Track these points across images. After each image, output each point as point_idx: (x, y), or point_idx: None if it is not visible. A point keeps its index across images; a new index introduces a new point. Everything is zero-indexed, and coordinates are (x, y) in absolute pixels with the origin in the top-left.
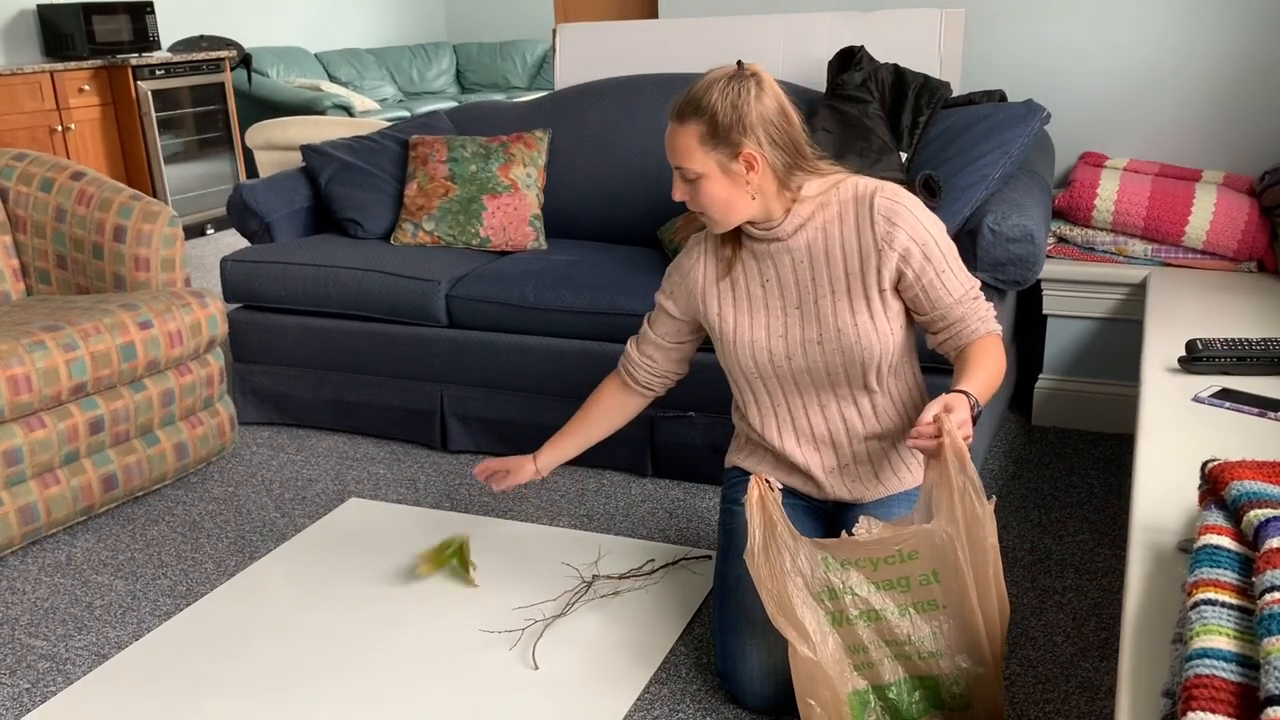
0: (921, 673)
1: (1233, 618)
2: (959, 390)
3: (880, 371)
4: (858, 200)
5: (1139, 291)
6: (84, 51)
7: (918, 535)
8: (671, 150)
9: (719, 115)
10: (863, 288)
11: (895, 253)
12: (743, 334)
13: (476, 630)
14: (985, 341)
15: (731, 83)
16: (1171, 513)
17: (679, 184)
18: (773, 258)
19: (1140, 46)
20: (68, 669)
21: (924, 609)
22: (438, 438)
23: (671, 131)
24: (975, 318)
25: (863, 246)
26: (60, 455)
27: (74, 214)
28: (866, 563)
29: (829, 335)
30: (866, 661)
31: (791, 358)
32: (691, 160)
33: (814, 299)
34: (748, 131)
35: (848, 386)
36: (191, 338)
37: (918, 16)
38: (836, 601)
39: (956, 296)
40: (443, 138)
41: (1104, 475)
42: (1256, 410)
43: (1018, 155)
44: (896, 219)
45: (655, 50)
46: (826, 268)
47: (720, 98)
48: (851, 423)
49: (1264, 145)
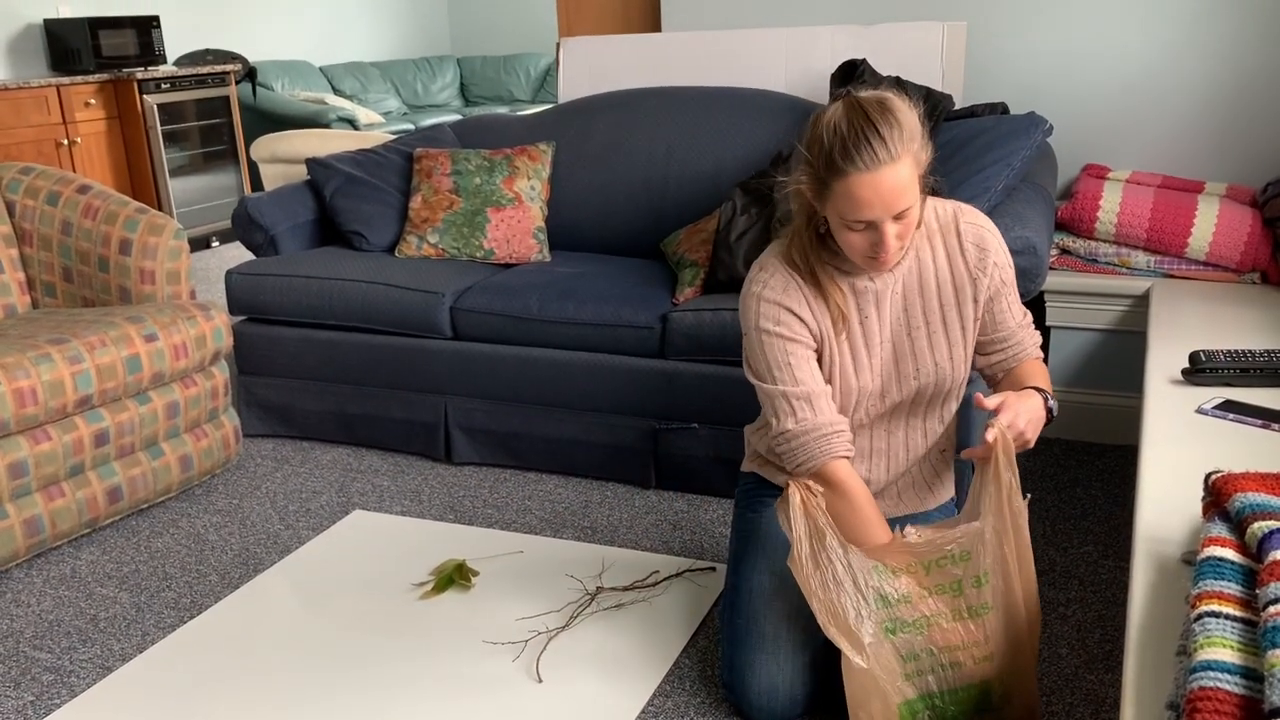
0: (974, 678)
1: (1237, 630)
2: (1030, 387)
3: (955, 397)
4: (943, 227)
5: (1142, 303)
6: (90, 65)
7: (969, 534)
8: (890, 198)
9: (919, 131)
10: (959, 319)
11: (987, 279)
12: (849, 380)
13: (480, 642)
14: (1034, 362)
15: (898, 99)
16: (1175, 524)
17: (889, 231)
18: (874, 294)
19: (1142, 59)
20: (72, 681)
21: (977, 613)
22: (442, 450)
23: (882, 177)
24: (1030, 341)
25: (956, 276)
26: (65, 468)
27: (80, 227)
28: (919, 568)
29: (925, 369)
30: (918, 670)
31: (886, 395)
32: (911, 192)
33: (906, 331)
34: (925, 142)
35: (922, 415)
36: (196, 350)
37: (920, 29)
38: (890, 610)
39: (1019, 320)
40: (447, 151)
41: (1107, 487)
42: (1260, 422)
43: (1020, 167)
44: (986, 245)
45: (659, 64)
46: (921, 299)
47: (908, 115)
48: (914, 446)
49: (1266, 157)
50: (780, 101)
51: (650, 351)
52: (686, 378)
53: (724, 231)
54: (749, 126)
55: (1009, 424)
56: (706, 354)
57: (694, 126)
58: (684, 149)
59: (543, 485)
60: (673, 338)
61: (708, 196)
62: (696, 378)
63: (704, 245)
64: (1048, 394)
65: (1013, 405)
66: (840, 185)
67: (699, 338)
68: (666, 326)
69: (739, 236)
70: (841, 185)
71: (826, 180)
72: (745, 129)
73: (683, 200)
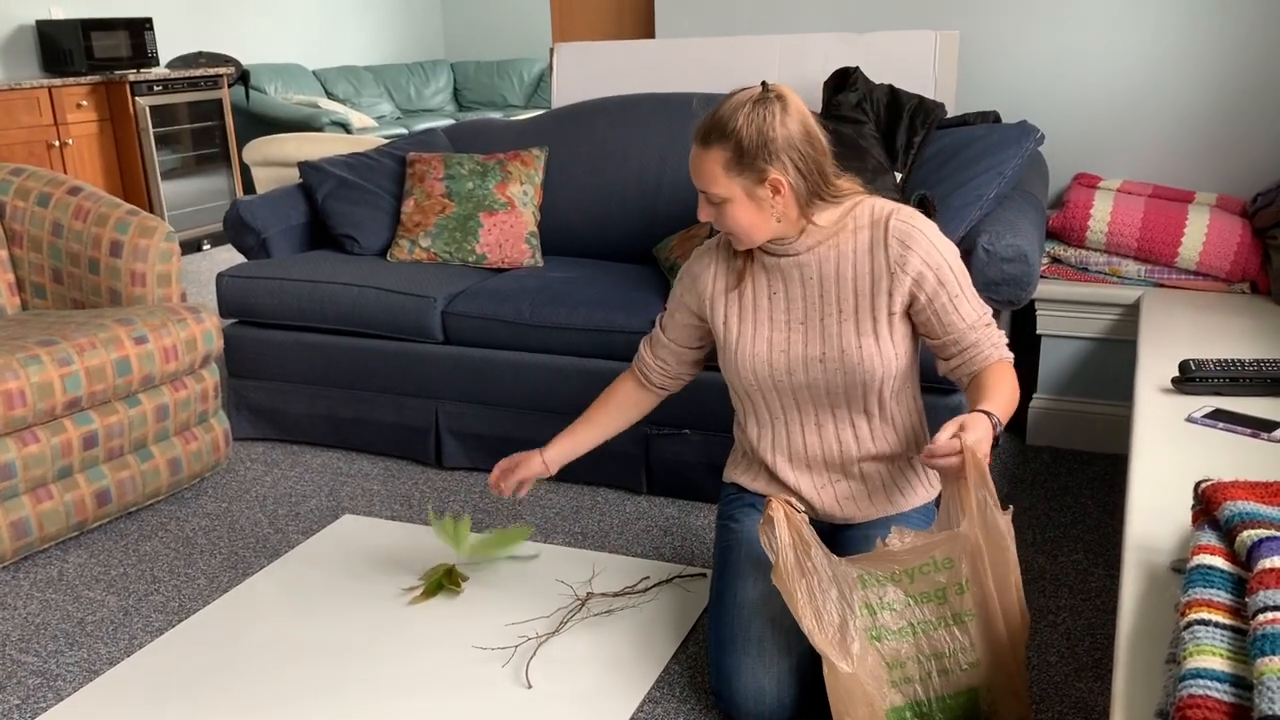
0: (962, 685)
1: (1226, 638)
2: (981, 410)
3: (881, 395)
4: (874, 222)
5: (1132, 312)
6: (82, 67)
7: (951, 539)
8: (696, 174)
9: (744, 140)
10: (871, 310)
11: (908, 276)
12: (745, 344)
13: (470, 647)
14: (999, 366)
15: (756, 106)
16: (1165, 533)
17: (704, 206)
18: (783, 271)
19: (1134, 69)
20: (58, 685)
21: (961, 619)
22: (432, 454)
23: (695, 155)
24: (988, 343)
25: (875, 269)
26: (54, 470)
27: (70, 229)
28: (904, 575)
29: (832, 354)
30: (905, 677)
31: (792, 373)
32: (716, 185)
33: (820, 317)
34: (773, 157)
35: (846, 408)
36: (187, 353)
37: (913, 38)
38: (875, 617)
39: (970, 322)
40: (440, 155)
41: (1098, 495)
42: (1249, 431)
43: (1012, 176)
44: (911, 242)
45: (652, 70)
46: (836, 286)
47: (745, 122)
48: (846, 444)
49: (1256, 167)
50: None
51: None
52: None
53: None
54: None
55: (977, 442)
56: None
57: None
58: (677, 155)
59: (533, 490)
60: None
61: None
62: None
63: None
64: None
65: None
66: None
67: None
68: None
69: None
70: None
71: None
72: None
73: (675, 206)
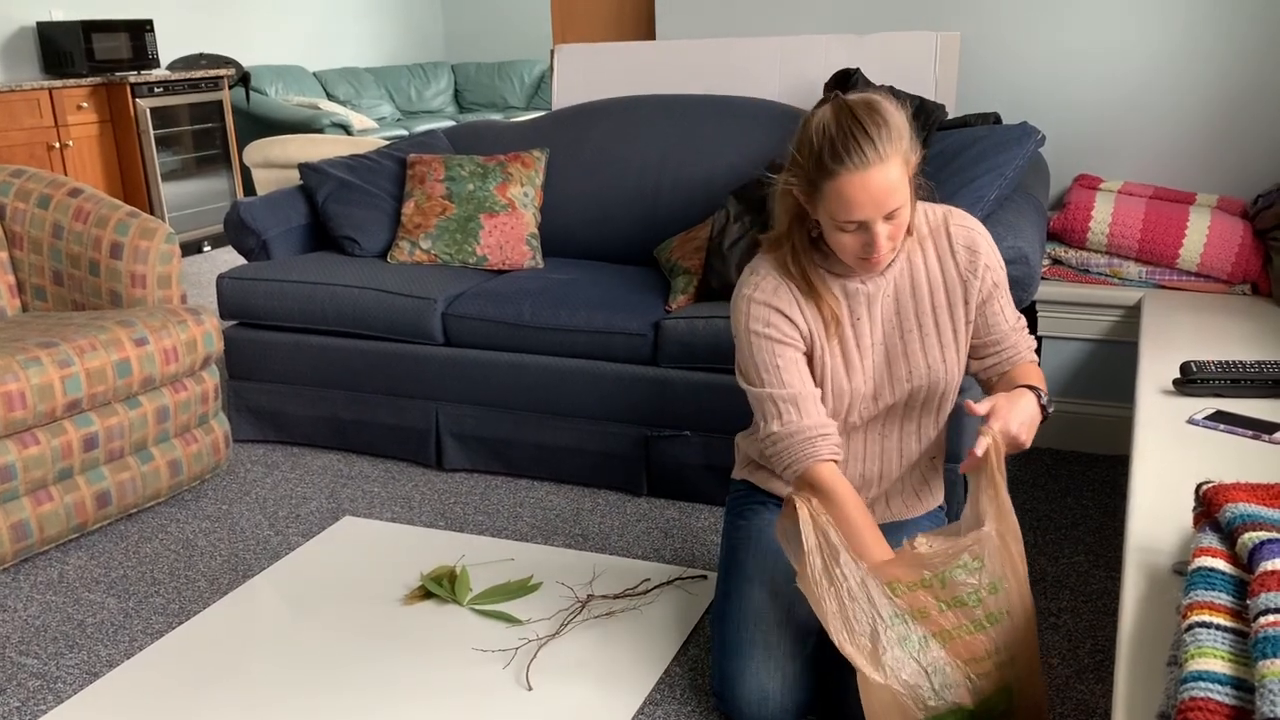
0: (998, 684)
1: (1227, 640)
2: (1024, 385)
3: (946, 400)
4: (933, 231)
5: (1134, 313)
6: (83, 69)
7: (979, 540)
8: (881, 198)
9: (906, 134)
10: (950, 321)
11: (978, 280)
12: (840, 383)
13: (470, 649)
14: (1029, 365)
15: (887, 97)
16: (1166, 535)
17: (880, 232)
18: (866, 297)
19: (1135, 71)
20: (58, 687)
21: (995, 620)
22: (433, 456)
23: (872, 177)
24: (1024, 345)
25: (948, 279)
26: (54, 472)
27: (71, 230)
28: (935, 581)
29: (919, 372)
30: (945, 684)
31: (879, 398)
32: (900, 192)
33: (899, 334)
34: (915, 146)
35: (917, 419)
36: (187, 354)
37: (913, 39)
38: (908, 626)
39: (1012, 324)
40: (440, 157)
41: (1099, 497)
42: (1251, 433)
43: (1013, 177)
44: (976, 247)
45: (653, 71)
46: (913, 302)
47: (897, 112)
48: (907, 450)
49: (1257, 169)
50: (774, 110)
51: (643, 359)
52: (679, 385)
53: (717, 239)
54: (742, 135)
55: (1001, 430)
56: (699, 361)
57: (687, 134)
58: (677, 157)
59: (534, 492)
60: (665, 345)
61: (701, 204)
62: (689, 385)
63: (697, 253)
64: (1040, 391)
65: (1003, 411)
66: (830, 186)
67: (692, 345)
68: (659, 334)
69: (732, 244)
70: (832, 186)
71: (817, 182)
72: (739, 137)
73: (676, 208)
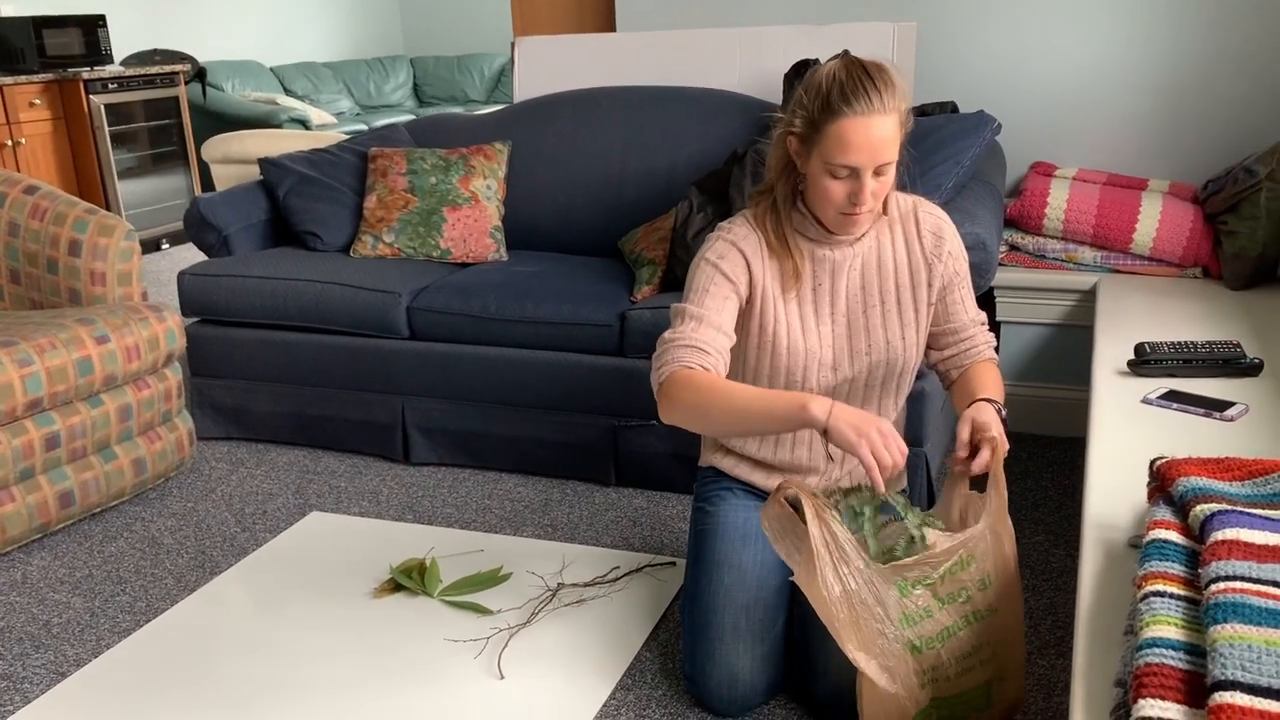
0: (980, 680)
1: (1180, 608)
2: (983, 399)
3: (903, 382)
4: (903, 216)
5: (1089, 297)
6: (34, 65)
7: (974, 538)
8: (879, 146)
9: (908, 99)
10: (913, 301)
11: (941, 264)
12: (795, 340)
13: (442, 640)
14: (988, 364)
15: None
16: (1122, 510)
17: (868, 185)
18: (833, 264)
19: (1088, 60)
20: (25, 688)
21: (982, 616)
22: (400, 450)
23: (873, 124)
24: (982, 340)
25: (913, 261)
26: (15, 472)
27: (28, 228)
28: (935, 579)
29: (878, 347)
30: (934, 679)
31: (838, 368)
32: (893, 146)
33: (862, 309)
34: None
35: (876, 397)
36: (149, 352)
37: (871, 30)
38: (915, 628)
39: (971, 316)
40: (402, 150)
41: (1057, 478)
42: (1202, 410)
43: (970, 165)
44: (942, 233)
45: (613, 63)
46: (878, 278)
47: (901, 81)
48: None
49: (1207, 154)
50: (734, 101)
51: (609, 349)
52: (645, 375)
53: (681, 229)
54: (703, 126)
55: (998, 433)
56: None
57: (649, 126)
58: (640, 148)
59: (502, 484)
60: (631, 335)
61: (664, 195)
62: None
63: (661, 243)
64: (999, 405)
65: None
66: (833, 127)
67: (657, 335)
68: (625, 324)
69: (696, 234)
70: (834, 127)
71: (819, 123)
72: (700, 128)
73: (639, 199)
